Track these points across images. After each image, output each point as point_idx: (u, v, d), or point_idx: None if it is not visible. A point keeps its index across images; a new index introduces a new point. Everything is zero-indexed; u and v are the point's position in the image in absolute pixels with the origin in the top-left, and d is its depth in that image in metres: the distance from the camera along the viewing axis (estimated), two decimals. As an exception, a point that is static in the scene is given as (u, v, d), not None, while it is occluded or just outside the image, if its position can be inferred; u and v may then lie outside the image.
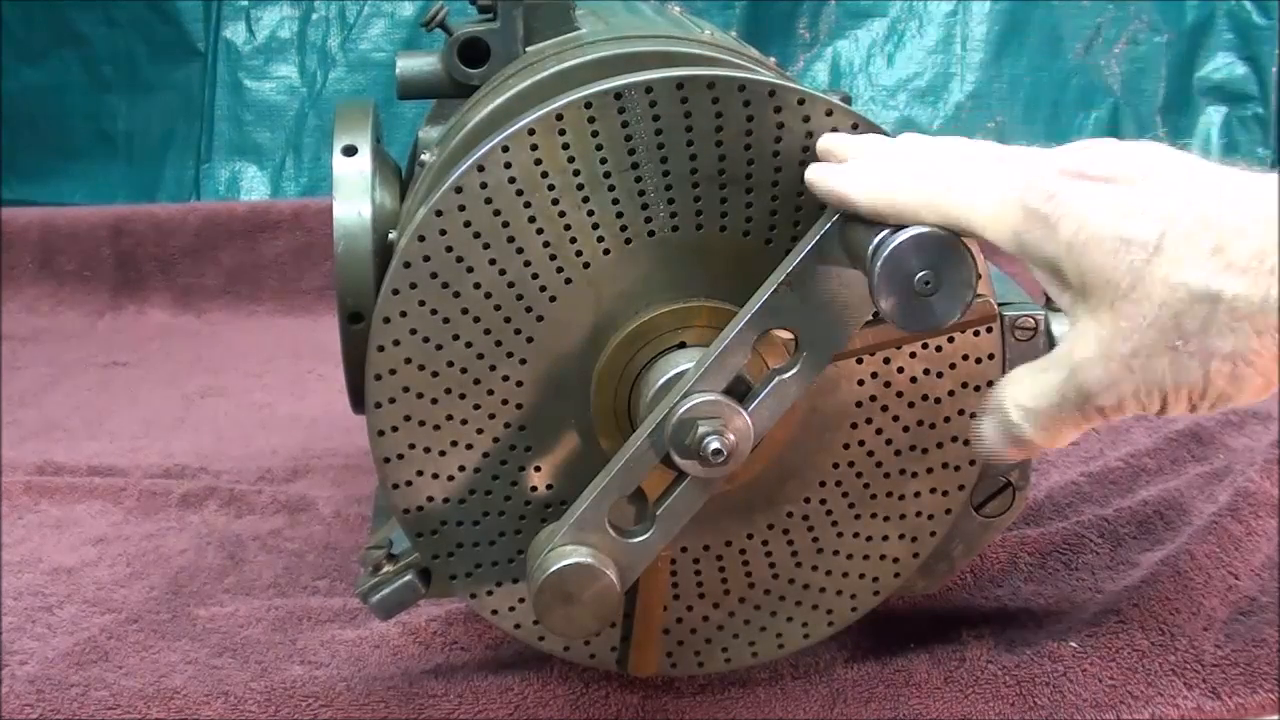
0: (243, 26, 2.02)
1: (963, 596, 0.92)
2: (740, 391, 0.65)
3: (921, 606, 0.90)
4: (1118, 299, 0.52)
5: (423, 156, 0.84)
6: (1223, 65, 2.09)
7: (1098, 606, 0.88)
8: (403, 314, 0.69)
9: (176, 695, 0.83)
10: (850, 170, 0.62)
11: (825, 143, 0.67)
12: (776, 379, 0.65)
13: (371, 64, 2.02)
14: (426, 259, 0.69)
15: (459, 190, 0.68)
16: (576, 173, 0.68)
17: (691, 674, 0.79)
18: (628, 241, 0.70)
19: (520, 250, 0.69)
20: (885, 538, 0.76)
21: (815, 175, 0.65)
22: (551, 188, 0.68)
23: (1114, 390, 0.53)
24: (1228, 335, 0.50)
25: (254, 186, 2.03)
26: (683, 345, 0.70)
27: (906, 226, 0.58)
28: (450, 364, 0.70)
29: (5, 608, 0.95)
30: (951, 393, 0.73)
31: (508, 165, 0.68)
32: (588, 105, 0.68)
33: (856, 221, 0.61)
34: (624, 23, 0.88)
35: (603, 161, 0.68)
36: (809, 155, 0.68)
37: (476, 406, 0.71)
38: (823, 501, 0.75)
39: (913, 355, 0.72)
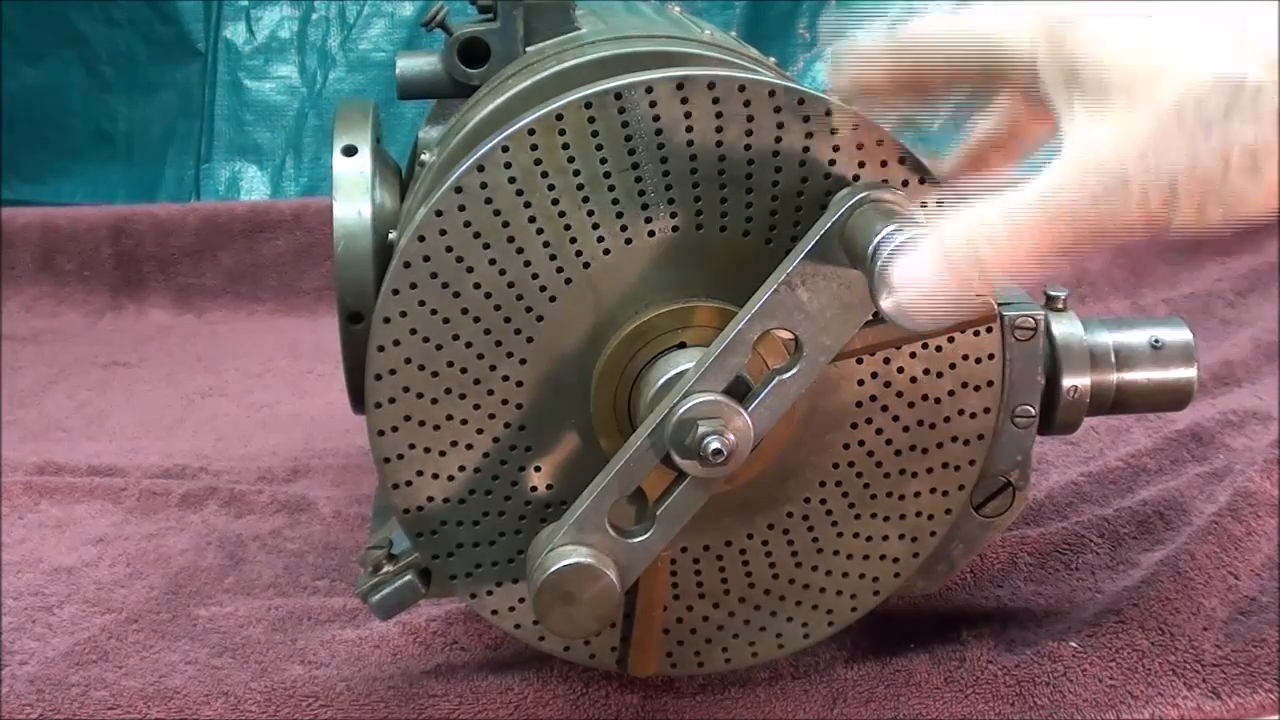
0: (243, 26, 2.02)
1: (963, 596, 0.92)
2: (740, 391, 0.65)
3: (921, 606, 0.90)
4: (1137, 87, 0.51)
5: (423, 156, 0.84)
6: (1223, 65, 2.09)
7: (1098, 606, 0.88)
8: (403, 314, 0.69)
9: (176, 695, 0.83)
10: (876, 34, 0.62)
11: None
12: (776, 379, 0.65)
13: (371, 64, 2.02)
14: (426, 259, 0.69)
15: (459, 190, 0.68)
16: (576, 173, 0.68)
17: (691, 674, 0.79)
18: (628, 241, 0.70)
19: (520, 250, 0.69)
20: (885, 538, 0.76)
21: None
22: (551, 188, 0.68)
23: (1119, 185, 0.51)
24: (1251, 123, 0.50)
25: (254, 186, 2.02)
26: (683, 345, 0.70)
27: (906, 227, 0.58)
28: (450, 364, 0.70)
29: (5, 608, 0.95)
30: (951, 393, 0.73)
31: (508, 165, 0.68)
32: (588, 105, 0.68)
33: (856, 221, 0.61)
34: (624, 23, 0.87)
35: (603, 161, 0.68)
36: (809, 155, 0.68)
37: (476, 406, 0.71)
38: (823, 501, 0.75)
39: (913, 355, 0.72)
